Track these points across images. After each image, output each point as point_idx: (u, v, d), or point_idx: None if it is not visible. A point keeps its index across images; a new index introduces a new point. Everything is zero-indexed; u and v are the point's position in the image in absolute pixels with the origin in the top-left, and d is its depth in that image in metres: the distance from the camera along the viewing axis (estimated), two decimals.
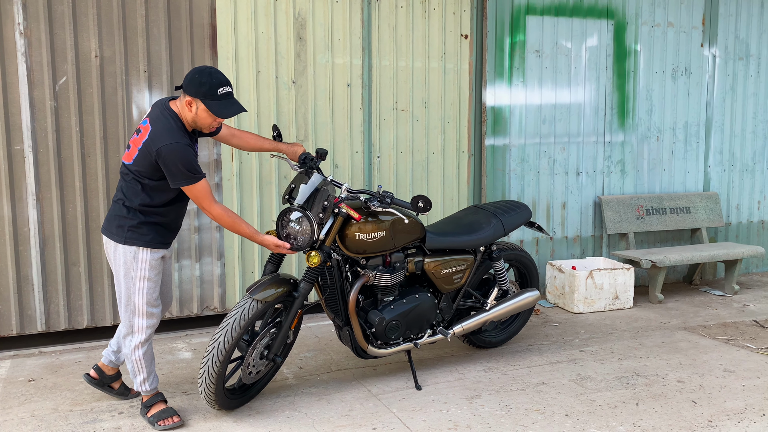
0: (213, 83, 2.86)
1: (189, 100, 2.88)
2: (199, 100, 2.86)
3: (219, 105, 2.88)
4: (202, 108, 2.88)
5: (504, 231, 3.88)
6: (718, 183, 6.20)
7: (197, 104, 2.88)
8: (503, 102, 5.24)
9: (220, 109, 2.88)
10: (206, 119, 2.92)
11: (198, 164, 2.93)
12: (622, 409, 3.29)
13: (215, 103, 2.87)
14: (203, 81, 2.85)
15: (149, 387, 3.12)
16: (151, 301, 3.03)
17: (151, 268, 2.99)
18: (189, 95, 2.87)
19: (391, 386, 3.56)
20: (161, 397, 3.16)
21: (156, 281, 3.03)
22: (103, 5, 4.05)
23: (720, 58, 6.03)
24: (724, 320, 4.87)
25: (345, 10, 4.66)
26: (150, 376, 3.12)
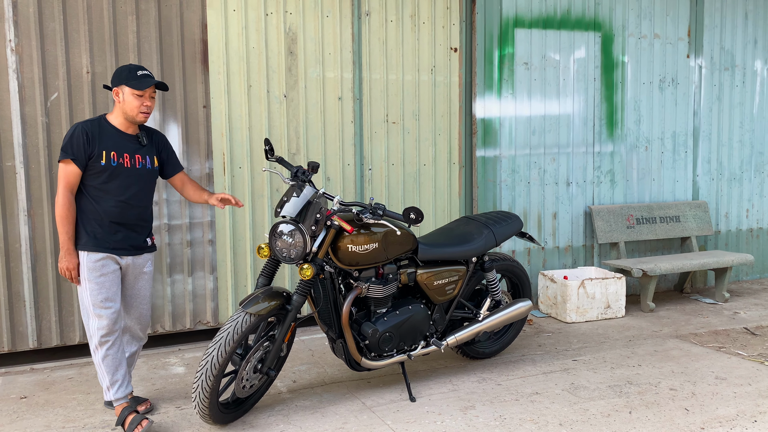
0: (131, 68, 3.15)
1: (116, 91, 3.15)
2: (123, 85, 3.12)
3: (139, 81, 3.13)
4: (127, 91, 3.12)
5: (496, 241, 3.90)
6: (706, 192, 6.27)
7: (122, 90, 3.13)
8: (493, 114, 5.29)
9: (140, 84, 3.11)
10: (133, 101, 3.13)
11: (81, 149, 3.05)
12: (616, 418, 3.30)
13: (135, 81, 3.13)
14: (122, 69, 3.16)
15: (114, 395, 3.18)
16: (96, 303, 3.10)
17: (90, 271, 3.09)
18: (115, 86, 3.15)
19: (385, 398, 3.56)
20: (130, 410, 3.17)
21: (100, 283, 3.10)
22: (95, 21, 4.07)
23: (706, 68, 6.12)
24: (715, 328, 4.90)
25: (335, 25, 4.70)
26: (115, 384, 3.17)
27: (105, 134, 3.14)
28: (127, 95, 3.12)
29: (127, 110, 3.15)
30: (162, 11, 4.23)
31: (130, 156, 3.19)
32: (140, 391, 3.67)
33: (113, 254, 3.15)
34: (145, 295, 3.36)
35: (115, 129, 3.18)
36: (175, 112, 4.31)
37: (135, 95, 3.12)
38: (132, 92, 3.12)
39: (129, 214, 3.19)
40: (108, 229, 3.14)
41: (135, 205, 3.21)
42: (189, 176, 3.48)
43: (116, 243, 3.16)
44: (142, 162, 3.24)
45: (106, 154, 3.11)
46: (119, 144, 3.16)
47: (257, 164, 4.55)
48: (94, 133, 3.11)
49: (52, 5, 3.97)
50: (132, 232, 3.22)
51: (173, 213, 4.36)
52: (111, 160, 3.12)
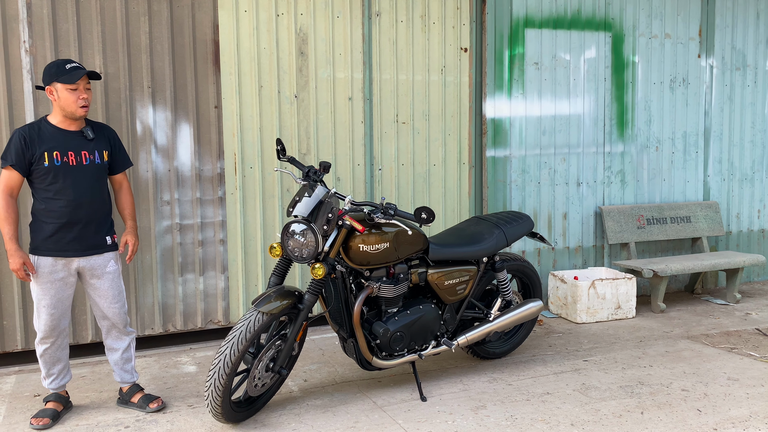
0: (59, 63, 3.10)
1: (49, 89, 3.09)
2: (54, 82, 3.07)
3: (69, 75, 3.07)
4: (60, 87, 3.07)
5: (506, 242, 3.90)
6: (717, 192, 6.24)
7: (55, 87, 3.08)
8: (503, 114, 5.29)
9: (71, 77, 3.06)
10: (69, 96, 3.08)
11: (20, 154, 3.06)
12: (627, 418, 3.29)
13: (66, 76, 3.07)
14: (51, 66, 3.10)
15: (48, 385, 3.34)
16: (39, 306, 3.17)
17: (38, 275, 3.14)
18: (47, 85, 3.10)
19: (396, 398, 3.57)
20: (53, 398, 3.34)
21: (45, 289, 3.14)
22: (107, 23, 4.10)
23: (717, 68, 6.09)
24: (726, 329, 4.88)
25: (346, 26, 4.71)
26: (50, 376, 3.32)
27: (45, 135, 3.11)
28: (61, 91, 3.08)
29: (64, 106, 3.10)
30: (174, 12, 4.26)
31: (75, 153, 3.14)
32: (152, 390, 3.69)
33: (63, 257, 3.14)
34: (112, 295, 3.31)
35: (56, 128, 3.15)
36: (186, 113, 4.34)
37: (69, 90, 3.08)
38: (65, 87, 3.07)
39: (80, 212, 3.15)
40: (60, 230, 3.12)
41: (86, 202, 3.17)
42: (128, 183, 3.45)
43: (68, 245, 3.14)
44: (90, 157, 3.19)
45: (48, 154, 3.08)
46: (61, 143, 3.12)
47: (268, 164, 4.57)
48: (32, 137, 3.08)
49: (66, 7, 4.00)
50: (86, 230, 3.18)
51: (185, 213, 4.38)
52: (54, 160, 3.09)
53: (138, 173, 4.25)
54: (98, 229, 3.23)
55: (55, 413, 3.28)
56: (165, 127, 4.30)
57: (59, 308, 3.20)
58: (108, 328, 3.40)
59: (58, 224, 3.12)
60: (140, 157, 4.25)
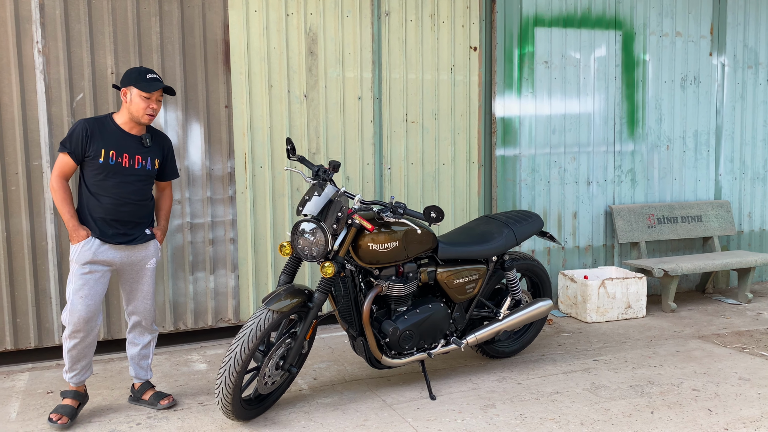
0: (141, 71, 3.23)
1: (124, 91, 3.22)
2: (131, 86, 3.20)
3: (147, 84, 3.20)
4: (135, 92, 3.19)
5: (516, 241, 3.90)
6: (729, 191, 6.20)
7: (130, 91, 3.20)
8: (513, 113, 5.28)
9: (148, 86, 3.18)
10: (140, 103, 3.19)
11: (78, 145, 3.15)
12: (637, 418, 3.28)
13: (144, 84, 3.20)
14: (132, 71, 3.24)
15: (69, 378, 3.33)
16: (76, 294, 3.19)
17: (80, 262, 3.20)
18: (123, 87, 3.23)
19: (405, 396, 3.58)
20: (71, 395, 3.33)
21: (85, 279, 3.20)
22: (119, 23, 4.13)
23: (729, 66, 6.05)
24: (738, 329, 4.85)
25: (355, 25, 4.72)
26: (73, 371, 3.32)
27: (107, 132, 3.21)
28: (135, 96, 3.19)
29: (133, 111, 3.22)
30: (185, 12, 4.28)
31: (130, 156, 3.25)
32: (163, 387, 3.72)
33: (110, 242, 3.23)
34: (147, 292, 3.42)
35: (119, 128, 3.25)
36: (197, 112, 4.37)
37: (142, 97, 3.19)
38: (140, 94, 3.19)
39: (123, 212, 3.25)
40: (102, 223, 3.22)
41: (130, 203, 3.27)
42: (171, 190, 3.59)
43: (111, 237, 3.24)
44: (142, 163, 3.29)
45: (105, 152, 3.18)
46: (120, 143, 3.22)
47: (278, 163, 4.59)
48: (95, 131, 3.18)
49: (78, 7, 4.04)
50: (125, 227, 3.28)
51: (195, 212, 4.41)
52: (109, 159, 3.19)
53: None
54: (136, 226, 3.33)
55: (73, 411, 3.28)
56: (176, 127, 4.33)
57: (96, 300, 3.23)
58: (134, 323, 3.46)
59: (102, 219, 3.22)
60: None
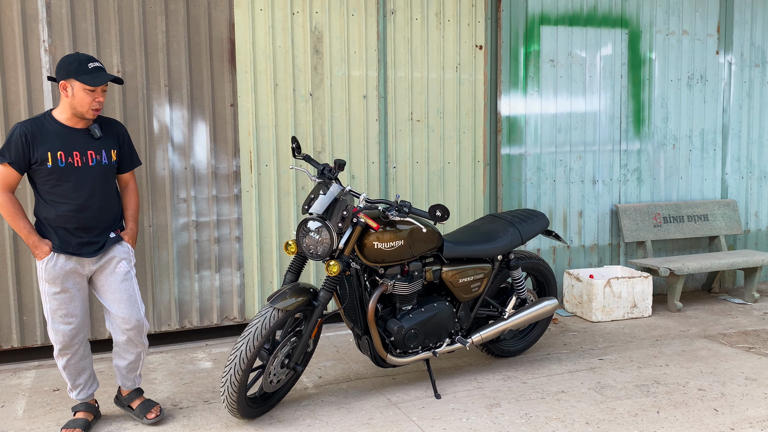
0: (81, 59, 2.85)
1: (63, 84, 2.84)
2: (72, 78, 2.81)
3: (91, 77, 2.83)
4: (78, 86, 2.82)
5: (521, 240, 3.89)
6: (736, 190, 6.17)
7: (71, 84, 2.83)
8: (518, 111, 5.27)
9: (93, 80, 2.82)
10: (84, 97, 2.84)
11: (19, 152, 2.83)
12: (643, 417, 3.27)
13: (87, 76, 2.82)
14: (71, 60, 2.83)
15: (76, 396, 3.17)
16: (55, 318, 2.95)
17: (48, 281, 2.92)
18: (62, 79, 2.84)
19: (410, 395, 3.58)
20: (83, 408, 3.17)
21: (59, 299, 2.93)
22: (125, 22, 4.14)
23: (736, 65, 6.02)
24: (744, 328, 4.83)
25: (361, 24, 4.72)
26: (77, 387, 3.15)
27: (49, 133, 2.87)
28: (78, 90, 2.83)
29: (76, 106, 2.86)
30: (190, 11, 4.29)
31: (81, 153, 2.91)
32: (169, 386, 3.73)
33: (76, 255, 2.93)
34: (121, 298, 3.06)
35: (62, 126, 2.91)
36: (203, 111, 4.37)
37: (86, 91, 2.83)
38: (83, 87, 2.82)
39: (85, 216, 2.93)
40: (67, 235, 2.92)
41: (93, 206, 2.95)
42: (135, 182, 3.23)
43: (77, 248, 2.94)
44: (96, 158, 2.95)
45: (51, 155, 2.84)
46: (66, 142, 2.88)
47: (283, 162, 4.59)
48: (35, 134, 2.84)
49: (84, 6, 4.05)
50: (90, 235, 2.96)
51: (201, 210, 4.42)
52: (58, 161, 2.85)
53: (155, 171, 4.29)
54: (103, 232, 3.02)
55: (86, 423, 3.12)
56: (181, 126, 4.33)
57: (78, 317, 3.01)
58: (120, 337, 3.14)
59: (64, 229, 2.92)
60: (157, 155, 4.29)
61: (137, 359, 3.21)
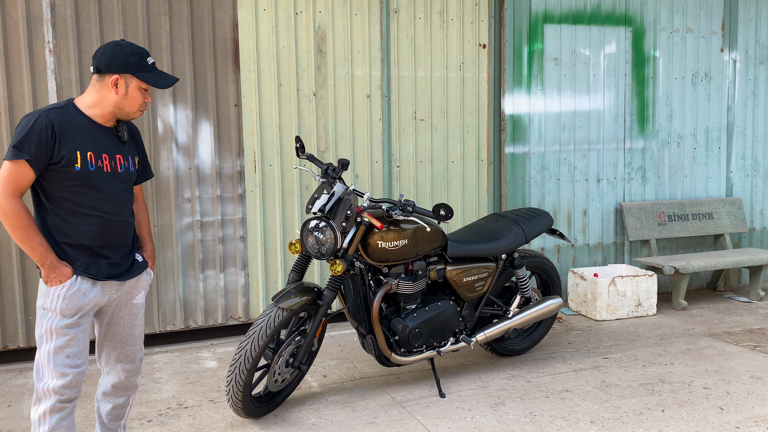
0: (141, 53, 2.40)
1: (115, 79, 2.35)
2: (130, 74, 2.37)
3: (153, 75, 2.42)
4: (135, 84, 2.38)
5: (525, 238, 3.89)
6: (740, 188, 6.15)
7: (128, 81, 2.37)
8: (522, 110, 5.26)
9: (157, 79, 2.42)
10: (138, 97, 2.40)
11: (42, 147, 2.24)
12: (648, 416, 3.27)
13: (149, 74, 2.41)
14: (130, 52, 2.37)
15: None
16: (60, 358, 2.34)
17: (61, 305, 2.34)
18: (115, 73, 2.35)
19: (414, 394, 3.58)
20: None
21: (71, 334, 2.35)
22: (129, 22, 4.15)
23: (740, 62, 6.00)
24: (750, 327, 4.82)
25: (364, 23, 4.72)
26: None
27: (77, 128, 2.33)
28: (134, 89, 2.38)
29: (126, 106, 2.39)
30: (194, 11, 4.30)
31: (110, 157, 2.40)
32: (174, 385, 3.75)
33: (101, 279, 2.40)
34: (133, 333, 2.59)
35: (91, 121, 2.37)
36: (207, 111, 4.38)
37: (142, 90, 2.41)
38: (140, 86, 2.39)
39: (113, 233, 2.43)
40: (87, 255, 2.37)
41: (118, 222, 2.45)
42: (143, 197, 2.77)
43: (100, 273, 2.40)
44: (124, 164, 2.47)
45: (81, 155, 2.31)
46: (97, 141, 2.37)
47: (287, 162, 4.60)
48: (63, 127, 2.29)
49: (89, 7, 4.06)
50: (117, 255, 2.46)
51: (205, 210, 4.43)
52: (89, 163, 2.32)
53: (159, 171, 4.30)
54: (128, 253, 2.53)
55: None
56: (186, 126, 4.35)
57: (86, 357, 2.41)
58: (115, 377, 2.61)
59: (88, 248, 2.38)
60: (162, 156, 4.30)
61: (126, 403, 2.69)
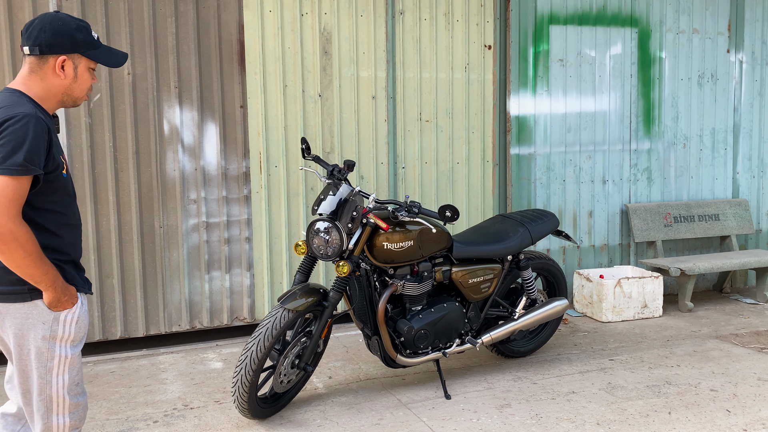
0: (87, 27, 2.09)
1: (62, 61, 2.02)
2: (78, 54, 2.05)
3: (104, 53, 2.12)
4: (84, 65, 2.08)
5: (531, 240, 3.88)
6: (747, 189, 6.13)
7: (76, 61, 2.05)
8: (528, 111, 5.25)
9: (109, 57, 2.13)
10: (87, 80, 2.11)
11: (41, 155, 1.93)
12: (654, 418, 3.26)
13: (98, 52, 2.10)
14: (76, 27, 2.04)
15: None
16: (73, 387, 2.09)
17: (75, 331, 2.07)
18: (62, 53, 2.02)
19: (420, 395, 3.57)
20: None
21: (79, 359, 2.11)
22: (135, 24, 4.17)
23: (747, 63, 5.98)
24: (756, 328, 4.79)
25: (369, 24, 4.72)
26: None
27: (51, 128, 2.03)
28: (83, 71, 2.08)
29: (75, 91, 2.09)
30: (200, 13, 4.31)
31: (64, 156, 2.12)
32: (179, 386, 3.75)
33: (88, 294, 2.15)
34: None
35: (48, 116, 2.06)
36: (213, 112, 4.39)
37: (91, 70, 2.11)
38: (89, 66, 2.09)
39: (80, 244, 2.18)
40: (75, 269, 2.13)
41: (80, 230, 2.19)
42: None
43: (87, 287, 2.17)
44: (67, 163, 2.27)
45: (64, 159, 2.07)
46: (57, 140, 2.06)
47: (293, 163, 4.60)
48: (51, 129, 2.00)
49: (95, 9, 4.07)
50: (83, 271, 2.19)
51: (211, 211, 4.44)
52: (66, 168, 2.08)
53: (165, 172, 4.31)
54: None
55: None
56: (192, 127, 4.35)
57: None
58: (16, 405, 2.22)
59: (74, 263, 2.13)
60: (167, 157, 4.31)
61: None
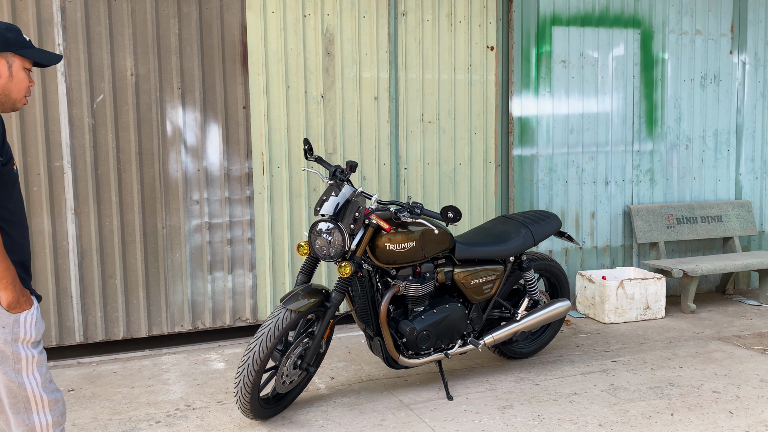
0: (17, 28, 2.08)
1: None
2: (11, 53, 2.04)
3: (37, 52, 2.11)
4: (18, 64, 2.06)
5: (534, 241, 3.88)
6: (750, 191, 6.12)
7: (9, 60, 2.04)
8: (530, 112, 5.25)
9: (42, 56, 2.11)
10: (24, 80, 2.08)
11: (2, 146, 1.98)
12: (657, 420, 3.25)
13: (32, 51, 2.09)
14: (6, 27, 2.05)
15: None
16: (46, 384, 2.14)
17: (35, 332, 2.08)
18: None
19: (422, 396, 3.57)
20: None
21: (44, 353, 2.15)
22: (138, 25, 4.18)
23: (750, 65, 5.97)
24: (759, 330, 4.79)
25: (372, 25, 4.73)
26: None
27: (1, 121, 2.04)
28: (18, 70, 2.06)
29: (13, 92, 2.06)
30: (203, 14, 4.32)
31: None
32: (182, 387, 3.76)
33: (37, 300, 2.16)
34: None
35: None
36: (215, 113, 4.40)
37: (26, 71, 2.09)
38: (24, 65, 2.08)
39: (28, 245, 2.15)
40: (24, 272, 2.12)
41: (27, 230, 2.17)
42: None
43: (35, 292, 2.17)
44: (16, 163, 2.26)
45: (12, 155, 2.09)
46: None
47: (295, 164, 4.61)
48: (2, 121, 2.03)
49: (99, 10, 4.09)
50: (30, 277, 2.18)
51: (214, 212, 4.45)
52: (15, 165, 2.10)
53: (168, 173, 4.32)
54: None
55: None
56: (194, 128, 4.36)
57: None
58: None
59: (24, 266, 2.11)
60: (170, 157, 4.32)
61: None
